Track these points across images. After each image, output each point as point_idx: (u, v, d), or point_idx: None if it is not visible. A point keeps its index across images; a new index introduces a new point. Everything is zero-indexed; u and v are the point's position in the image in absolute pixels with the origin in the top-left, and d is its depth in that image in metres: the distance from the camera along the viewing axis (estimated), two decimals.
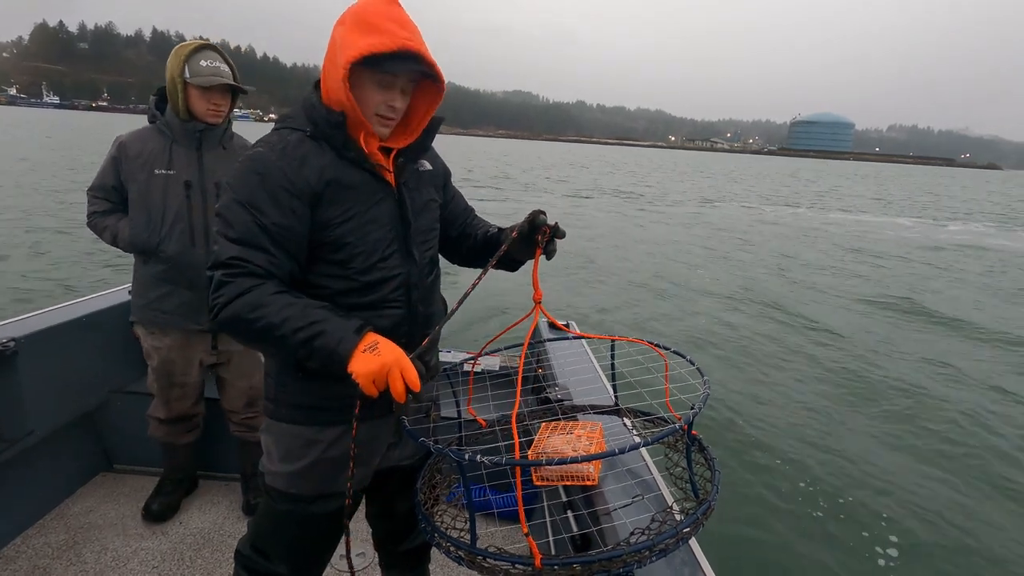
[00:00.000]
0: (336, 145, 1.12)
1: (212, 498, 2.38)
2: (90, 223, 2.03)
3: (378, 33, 1.05)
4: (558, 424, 1.39)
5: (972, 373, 5.84)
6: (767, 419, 4.58)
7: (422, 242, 1.25)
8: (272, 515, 1.28)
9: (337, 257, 1.13)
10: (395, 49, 1.05)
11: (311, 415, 1.21)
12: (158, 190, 1.93)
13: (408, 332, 1.22)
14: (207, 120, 1.94)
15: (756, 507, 3.47)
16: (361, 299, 1.16)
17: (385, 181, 1.18)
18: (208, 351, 2.10)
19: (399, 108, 1.15)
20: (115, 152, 1.96)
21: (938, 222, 21.85)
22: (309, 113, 1.14)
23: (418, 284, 1.23)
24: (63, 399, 2.21)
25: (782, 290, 8.94)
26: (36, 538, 2.08)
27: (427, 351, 0.92)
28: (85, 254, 8.42)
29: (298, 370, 1.17)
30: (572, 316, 7.04)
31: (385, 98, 1.12)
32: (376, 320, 1.16)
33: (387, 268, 1.17)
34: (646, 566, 1.01)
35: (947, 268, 11.88)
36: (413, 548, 1.52)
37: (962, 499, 3.67)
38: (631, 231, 14.47)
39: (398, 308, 1.20)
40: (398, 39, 1.05)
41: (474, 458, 0.92)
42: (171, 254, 1.94)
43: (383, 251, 1.16)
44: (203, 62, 1.87)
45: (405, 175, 1.22)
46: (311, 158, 1.11)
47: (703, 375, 1.18)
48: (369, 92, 1.11)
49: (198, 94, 1.89)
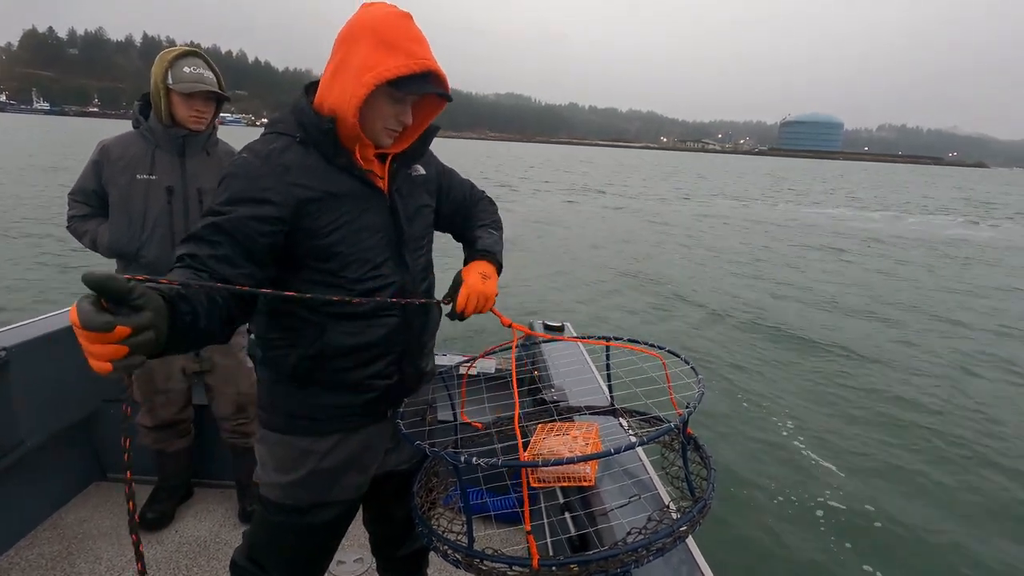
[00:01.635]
0: (325, 152, 1.10)
1: (207, 506, 2.36)
2: (70, 227, 2.02)
3: (402, 54, 1.04)
4: (554, 425, 1.39)
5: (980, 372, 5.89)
6: (761, 416, 4.60)
7: (415, 249, 1.23)
8: (267, 526, 1.27)
9: (329, 266, 1.11)
10: (419, 72, 1.05)
11: (304, 425, 1.19)
12: (139, 195, 1.91)
13: (404, 340, 1.21)
14: (189, 126, 1.93)
15: (753, 505, 3.48)
16: (355, 308, 1.14)
17: (376, 188, 1.16)
18: (190, 358, 2.08)
19: (408, 123, 1.15)
20: (97, 156, 1.94)
21: (864, 211, 24.42)
22: (299, 118, 1.11)
23: (412, 291, 1.21)
24: (55, 408, 2.19)
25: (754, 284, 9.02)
26: (29, 549, 2.06)
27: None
28: (78, 258, 8.36)
29: (292, 379, 1.16)
30: (552, 308, 6.96)
31: (396, 112, 1.11)
32: (372, 329, 1.16)
33: (381, 276, 1.15)
34: (643, 566, 1.01)
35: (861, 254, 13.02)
36: (411, 552, 1.51)
37: (959, 495, 3.68)
38: (589, 225, 15.54)
39: (393, 317, 1.18)
40: (421, 62, 1.05)
41: (470, 460, 0.91)
42: (151, 259, 1.92)
43: (376, 259, 1.15)
44: (186, 68, 1.86)
45: (398, 181, 1.20)
46: (297, 165, 1.08)
47: (697, 374, 1.18)
48: (383, 108, 1.09)
49: (180, 100, 1.88)
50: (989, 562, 3.07)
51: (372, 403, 1.21)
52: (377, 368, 1.19)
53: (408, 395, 1.28)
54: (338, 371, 1.16)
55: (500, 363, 2.17)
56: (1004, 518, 3.47)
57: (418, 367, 1.28)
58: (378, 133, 1.13)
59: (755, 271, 10.43)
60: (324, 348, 1.13)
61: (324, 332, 1.13)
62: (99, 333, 0.65)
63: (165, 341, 0.75)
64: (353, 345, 1.15)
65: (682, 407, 1.16)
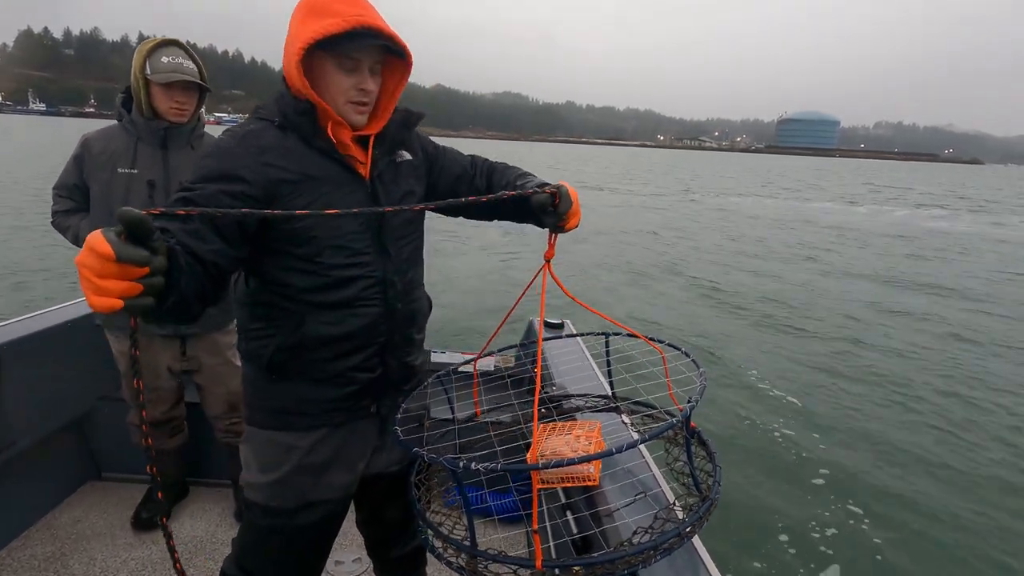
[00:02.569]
0: (305, 135, 1.09)
1: (203, 505, 2.34)
2: (54, 222, 1.98)
3: (329, 15, 1.01)
4: (556, 425, 1.36)
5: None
6: (753, 409, 4.59)
7: (399, 237, 1.20)
8: (255, 531, 1.25)
9: (304, 251, 1.09)
10: (349, 28, 1.01)
11: (287, 420, 1.18)
12: (120, 189, 1.87)
13: (387, 331, 1.19)
14: (170, 118, 1.88)
15: (758, 501, 3.46)
16: (332, 296, 1.12)
17: (357, 173, 1.14)
18: (176, 357, 2.04)
19: (371, 91, 1.11)
20: (78, 150, 1.91)
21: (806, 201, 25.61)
22: (279, 103, 1.10)
23: (395, 281, 1.18)
24: (49, 407, 2.15)
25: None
26: (22, 550, 2.03)
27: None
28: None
29: (270, 371, 1.14)
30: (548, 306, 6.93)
31: (354, 82, 1.08)
32: (352, 319, 1.14)
33: (359, 265, 1.13)
34: (650, 567, 0.99)
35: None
36: (405, 554, 1.49)
37: (971, 490, 3.65)
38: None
39: (374, 306, 1.16)
40: (350, 17, 1.01)
41: (469, 465, 0.90)
42: None
43: (354, 246, 1.12)
44: (165, 58, 1.81)
45: (380, 167, 1.18)
46: (273, 147, 1.07)
47: (699, 367, 1.17)
48: (335, 78, 1.07)
49: (160, 91, 1.84)
50: (1002, 564, 3.04)
51: (355, 396, 1.19)
52: (358, 360, 1.17)
53: (393, 389, 1.25)
54: (318, 362, 1.14)
55: (499, 361, 2.15)
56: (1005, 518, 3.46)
57: (403, 360, 1.25)
58: (344, 110, 1.09)
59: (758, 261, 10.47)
60: (303, 338, 1.12)
61: (303, 322, 1.11)
62: (126, 267, 0.66)
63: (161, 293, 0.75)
64: (333, 335, 1.13)
65: (684, 401, 1.14)
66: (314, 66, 1.06)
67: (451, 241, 11.35)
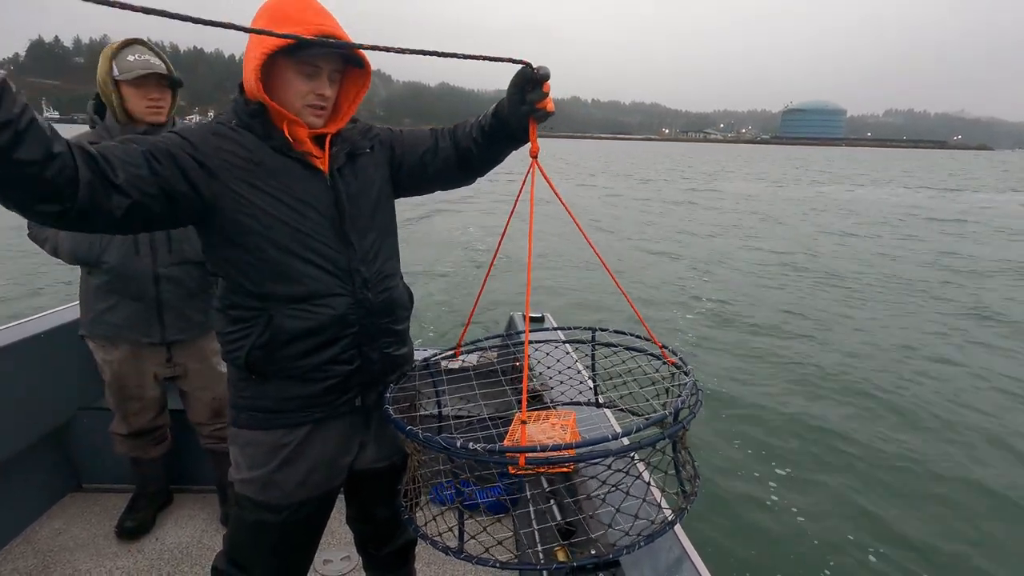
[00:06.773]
0: (258, 134, 1.12)
1: (188, 512, 2.30)
2: (31, 234, 1.91)
3: (292, 23, 1.04)
4: (532, 414, 1.37)
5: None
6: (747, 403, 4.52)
7: (363, 228, 1.20)
8: (245, 526, 1.26)
9: (259, 242, 1.10)
10: (311, 36, 1.03)
11: (271, 419, 1.19)
12: None
13: (359, 321, 1.19)
14: (148, 120, 1.81)
15: (743, 494, 3.43)
16: (296, 290, 1.13)
17: (316, 168, 1.15)
18: (162, 364, 2.00)
19: (328, 96, 1.14)
20: None
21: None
22: (235, 107, 1.14)
23: (360, 271, 1.19)
24: (27, 418, 2.12)
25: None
26: (3, 565, 1.99)
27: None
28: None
29: (249, 371, 1.16)
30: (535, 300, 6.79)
31: (313, 87, 1.11)
32: (319, 311, 1.15)
33: (320, 256, 1.14)
34: (633, 553, 1.01)
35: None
36: (395, 550, 1.50)
37: (954, 486, 3.59)
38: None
39: (341, 296, 1.16)
40: (312, 26, 1.04)
41: (466, 445, 0.91)
42: (113, 264, 1.82)
43: (314, 236, 1.13)
44: (131, 57, 1.76)
45: (339, 161, 1.19)
46: (229, 138, 1.10)
47: (685, 364, 1.19)
48: (294, 83, 1.10)
49: (132, 91, 1.77)
50: (990, 564, 2.97)
51: (335, 391, 1.20)
52: (333, 352, 1.17)
53: (374, 382, 1.25)
54: (292, 358, 1.15)
55: (483, 356, 2.10)
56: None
57: (384, 352, 1.25)
58: (301, 112, 1.12)
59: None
60: (274, 335, 1.13)
61: (272, 319, 1.13)
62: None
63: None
64: (302, 329, 1.14)
65: (667, 397, 1.19)
66: (274, 71, 1.09)
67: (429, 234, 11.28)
